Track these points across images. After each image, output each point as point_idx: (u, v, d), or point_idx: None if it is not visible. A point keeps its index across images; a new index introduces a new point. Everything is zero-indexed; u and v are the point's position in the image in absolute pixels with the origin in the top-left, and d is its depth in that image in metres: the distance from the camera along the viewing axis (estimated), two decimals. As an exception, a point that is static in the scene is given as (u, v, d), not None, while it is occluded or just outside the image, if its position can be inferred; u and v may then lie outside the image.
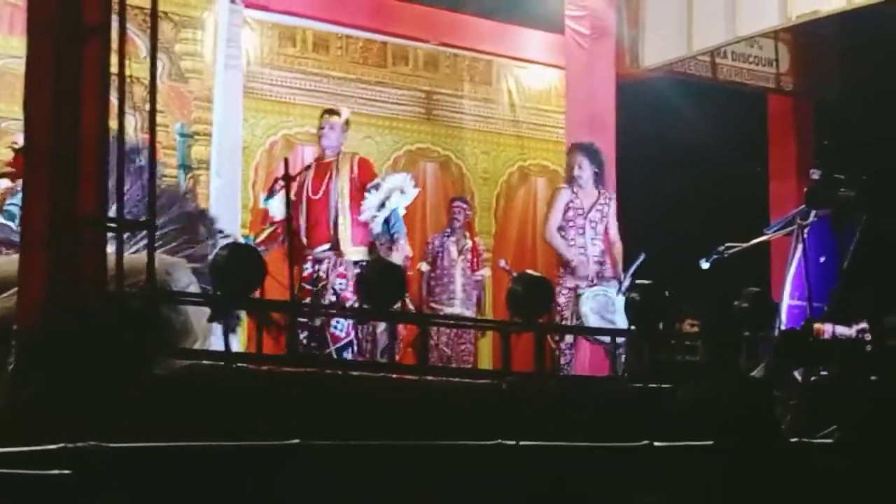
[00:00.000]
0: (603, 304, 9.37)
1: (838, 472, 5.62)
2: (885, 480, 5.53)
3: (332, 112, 9.45)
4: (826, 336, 8.46)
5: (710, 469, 5.61)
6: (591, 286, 9.54)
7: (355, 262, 8.97)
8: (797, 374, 7.68)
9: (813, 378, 7.45)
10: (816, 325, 8.45)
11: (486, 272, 11.65)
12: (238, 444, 5.35)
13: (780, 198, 12.09)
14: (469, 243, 11.35)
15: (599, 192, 9.75)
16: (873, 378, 7.07)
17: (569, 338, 9.51)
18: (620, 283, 9.48)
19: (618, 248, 9.82)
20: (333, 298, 8.96)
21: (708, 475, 5.58)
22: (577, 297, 9.47)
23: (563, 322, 9.48)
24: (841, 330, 8.58)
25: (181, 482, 5.13)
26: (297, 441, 5.40)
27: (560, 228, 9.71)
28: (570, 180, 9.82)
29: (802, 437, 6.41)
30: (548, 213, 9.97)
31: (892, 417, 5.86)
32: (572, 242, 9.66)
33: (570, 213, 9.69)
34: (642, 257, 9.49)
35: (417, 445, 5.80)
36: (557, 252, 9.79)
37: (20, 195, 6.85)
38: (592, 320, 9.26)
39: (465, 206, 11.41)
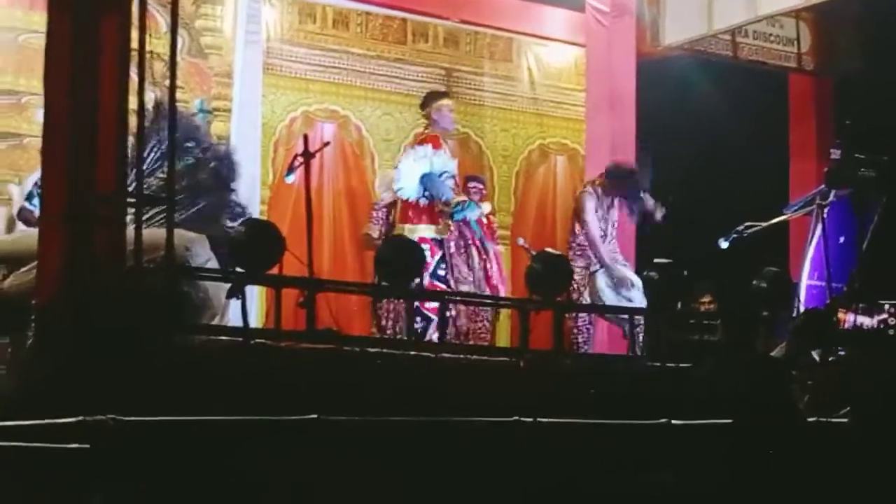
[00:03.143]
0: (619, 279, 9.37)
1: (853, 451, 5.62)
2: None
3: (444, 94, 9.73)
4: (848, 325, 8.44)
5: (727, 447, 5.61)
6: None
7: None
8: (815, 355, 7.67)
9: (831, 358, 7.44)
10: (839, 315, 8.44)
11: (500, 249, 11.63)
12: (256, 418, 5.37)
13: (800, 177, 12.04)
14: (484, 221, 11.32)
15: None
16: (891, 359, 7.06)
17: (584, 315, 9.53)
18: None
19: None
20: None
21: (725, 453, 5.58)
22: (591, 274, 9.47)
23: (579, 300, 9.49)
24: (862, 319, 8.56)
25: (199, 456, 5.15)
26: (314, 416, 5.41)
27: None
28: (598, 192, 9.87)
29: (819, 416, 6.41)
30: (585, 222, 9.97)
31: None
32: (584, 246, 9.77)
33: (603, 224, 9.78)
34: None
35: (435, 422, 5.81)
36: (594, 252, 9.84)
37: None
38: (609, 295, 9.26)
39: (480, 185, 11.34)
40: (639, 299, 8.61)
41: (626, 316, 8.90)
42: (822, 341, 7.12)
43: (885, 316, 8.60)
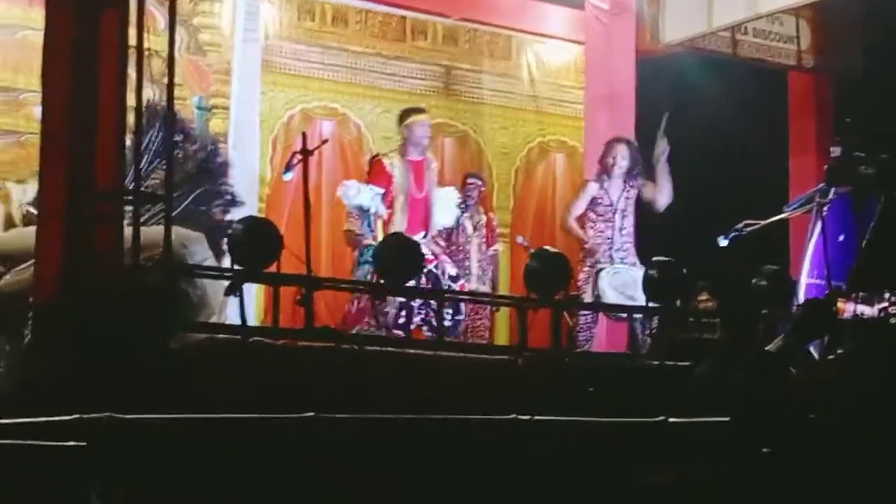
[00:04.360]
0: (623, 281, 9.38)
1: (851, 450, 5.61)
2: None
3: (419, 111, 9.71)
4: (847, 315, 8.40)
5: (724, 445, 5.61)
6: (612, 265, 9.59)
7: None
8: (814, 351, 7.65)
9: (830, 356, 7.41)
10: (839, 305, 8.39)
11: (499, 247, 11.63)
12: (253, 416, 5.36)
13: (800, 175, 12.01)
14: (483, 218, 11.32)
15: (625, 182, 9.80)
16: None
17: (586, 314, 9.53)
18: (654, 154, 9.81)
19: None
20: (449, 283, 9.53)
21: (723, 451, 5.58)
22: (597, 273, 9.48)
23: (582, 298, 9.48)
24: (862, 309, 8.52)
25: (196, 454, 5.15)
26: (311, 414, 5.41)
27: (590, 220, 9.78)
28: (601, 173, 9.86)
29: (816, 414, 6.40)
30: (571, 202, 10.10)
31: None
32: (600, 233, 9.72)
33: (601, 209, 9.76)
34: (666, 115, 9.63)
35: (432, 420, 5.81)
36: (577, 237, 9.89)
37: None
38: (611, 296, 9.26)
39: (479, 182, 11.37)
40: (641, 299, 8.58)
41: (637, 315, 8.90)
42: (823, 331, 7.05)
43: (885, 304, 8.54)
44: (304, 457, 5.33)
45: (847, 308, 8.47)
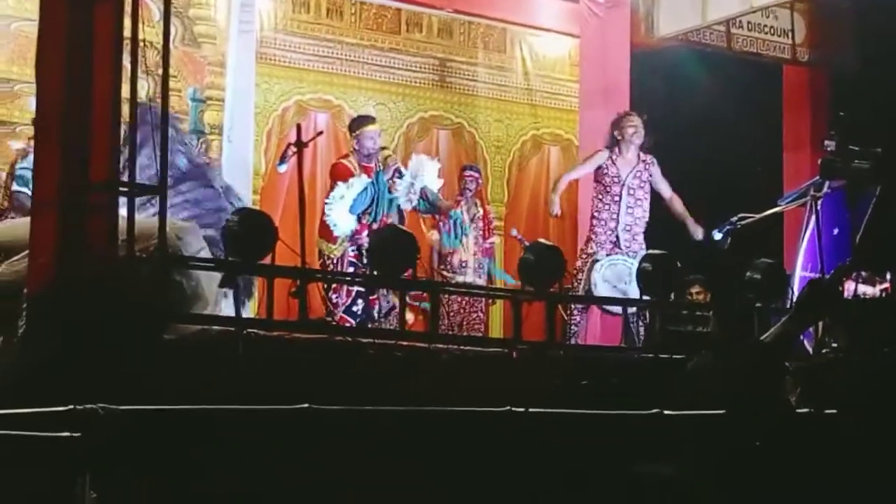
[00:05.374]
0: (618, 274, 9.35)
1: (846, 444, 5.60)
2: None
3: (369, 120, 9.71)
4: (847, 295, 8.34)
5: (719, 439, 5.60)
6: (609, 255, 9.55)
7: None
8: (808, 346, 7.64)
9: (824, 350, 7.38)
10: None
11: (496, 239, 11.63)
12: (247, 408, 5.36)
13: (795, 169, 12.02)
14: (480, 211, 11.31)
15: (639, 158, 9.78)
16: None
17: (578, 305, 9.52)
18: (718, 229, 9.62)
19: (677, 201, 9.89)
20: None
21: (717, 445, 5.58)
22: (593, 263, 9.46)
23: (574, 288, 9.48)
24: (864, 289, 8.48)
25: (189, 445, 5.14)
26: (306, 406, 5.41)
27: (595, 192, 9.75)
28: (614, 144, 9.82)
29: (812, 408, 6.39)
30: (578, 164, 10.23)
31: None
32: (606, 209, 9.68)
33: (607, 180, 9.70)
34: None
35: (427, 411, 5.81)
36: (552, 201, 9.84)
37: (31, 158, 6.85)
38: (602, 288, 9.25)
39: (476, 174, 11.36)
40: (634, 293, 8.58)
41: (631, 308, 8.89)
42: (828, 312, 6.94)
43: (887, 285, 8.49)
44: (298, 448, 5.33)
45: (847, 287, 8.43)
